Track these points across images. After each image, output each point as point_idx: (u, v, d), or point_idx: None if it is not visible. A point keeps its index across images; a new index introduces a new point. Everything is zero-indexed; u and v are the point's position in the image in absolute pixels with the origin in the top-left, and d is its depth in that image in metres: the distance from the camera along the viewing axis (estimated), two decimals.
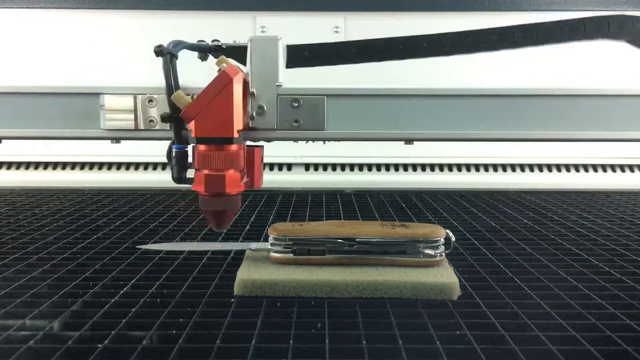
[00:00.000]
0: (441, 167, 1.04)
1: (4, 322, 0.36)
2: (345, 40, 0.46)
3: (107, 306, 0.39)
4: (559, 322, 0.36)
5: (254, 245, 0.48)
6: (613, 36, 0.42)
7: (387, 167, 1.04)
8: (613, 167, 1.04)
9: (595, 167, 1.04)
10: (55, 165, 1.03)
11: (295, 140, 0.45)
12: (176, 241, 0.57)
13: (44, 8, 1.00)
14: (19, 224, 0.65)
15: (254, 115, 0.42)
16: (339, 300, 0.40)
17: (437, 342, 0.33)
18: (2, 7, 1.00)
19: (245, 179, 0.43)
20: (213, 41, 0.45)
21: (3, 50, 1.00)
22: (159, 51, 0.40)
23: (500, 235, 0.61)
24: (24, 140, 0.66)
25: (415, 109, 0.43)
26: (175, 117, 0.40)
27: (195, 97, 0.40)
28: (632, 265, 0.50)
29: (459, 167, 1.04)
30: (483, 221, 0.69)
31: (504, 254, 0.53)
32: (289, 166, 1.03)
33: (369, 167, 1.04)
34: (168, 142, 0.43)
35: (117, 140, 0.46)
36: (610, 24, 0.41)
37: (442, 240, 0.45)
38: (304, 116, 0.43)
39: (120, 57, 1.00)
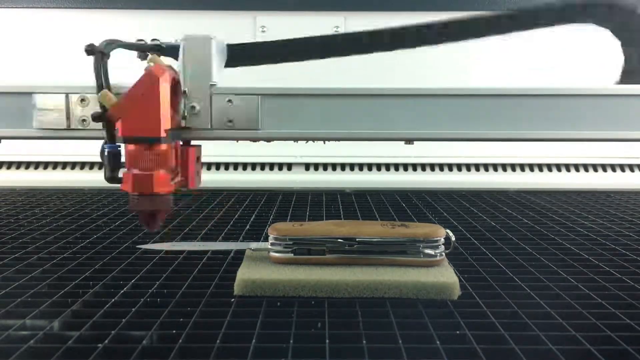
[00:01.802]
0: (441, 167, 1.04)
1: (4, 322, 0.36)
2: (280, 39, 0.46)
3: (107, 306, 0.39)
4: (559, 322, 0.36)
5: (254, 245, 0.48)
6: (599, 21, 0.42)
7: (387, 167, 1.03)
8: (613, 167, 1.04)
9: (595, 167, 1.04)
10: (55, 165, 1.03)
11: (229, 139, 0.44)
12: (176, 241, 0.57)
13: (44, 8, 1.00)
14: (19, 224, 0.65)
15: (186, 114, 0.42)
16: (339, 300, 0.40)
17: (437, 342, 0.33)
18: (2, 7, 1.00)
19: (178, 179, 0.42)
20: (152, 40, 0.45)
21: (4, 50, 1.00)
22: (90, 50, 0.40)
23: (500, 235, 0.61)
24: None
25: (425, 109, 0.43)
26: (105, 117, 0.40)
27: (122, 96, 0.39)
28: (632, 265, 0.50)
29: (459, 167, 1.04)
30: (483, 221, 0.69)
31: (504, 254, 0.53)
32: (289, 166, 1.03)
33: (369, 167, 1.04)
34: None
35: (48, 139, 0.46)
36: (599, 8, 0.42)
37: (442, 240, 0.45)
38: (237, 115, 0.42)
39: (119, 57, 1.00)
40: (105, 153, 0.41)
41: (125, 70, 0.41)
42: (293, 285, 0.41)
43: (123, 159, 0.41)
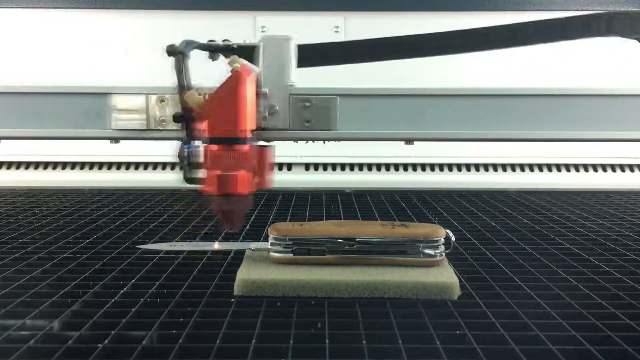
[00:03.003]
0: (441, 167, 1.04)
1: (4, 322, 0.36)
2: (353, 39, 0.45)
3: (107, 306, 0.39)
4: (559, 322, 0.36)
5: (254, 245, 0.48)
6: (603, 34, 0.42)
7: (387, 167, 1.04)
8: (613, 167, 1.04)
9: (595, 167, 1.04)
10: (55, 165, 1.03)
11: (308, 140, 0.45)
12: (176, 241, 0.57)
13: (44, 8, 1.00)
14: (19, 224, 0.65)
15: (266, 115, 0.42)
16: (339, 300, 0.40)
17: (437, 342, 0.33)
18: (2, 7, 1.00)
19: (256, 179, 0.43)
20: (224, 41, 0.45)
21: (5, 50, 1.00)
22: (171, 50, 0.40)
23: (500, 235, 0.61)
24: (31, 140, 0.66)
25: (425, 109, 0.43)
26: (187, 117, 0.40)
27: (207, 96, 0.40)
28: (632, 265, 0.50)
29: (459, 167, 1.04)
30: (483, 221, 0.69)
31: (504, 254, 0.53)
32: (289, 166, 1.03)
33: (369, 167, 1.04)
34: (176, 142, 0.42)
35: (116, 140, 0.46)
36: (600, 22, 0.41)
37: (442, 240, 0.45)
38: (315, 116, 0.42)
39: (119, 57, 1.00)
40: (186, 153, 0.41)
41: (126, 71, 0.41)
42: (293, 285, 0.41)
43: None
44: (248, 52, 0.43)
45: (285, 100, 0.42)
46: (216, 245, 0.52)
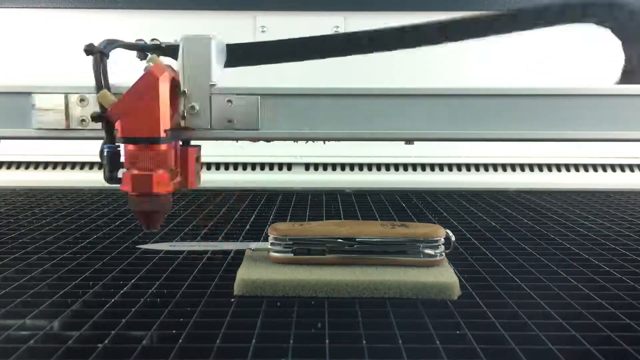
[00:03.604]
0: (441, 167, 1.04)
1: (4, 322, 0.36)
2: (281, 38, 0.45)
3: (107, 306, 0.39)
4: (559, 322, 0.36)
5: (254, 245, 0.48)
6: (600, 21, 0.42)
7: (387, 167, 1.04)
8: (613, 167, 1.04)
9: (595, 167, 1.04)
10: (55, 165, 1.03)
11: (229, 140, 0.44)
12: (176, 241, 0.57)
13: (44, 8, 1.00)
14: (19, 224, 0.65)
15: (186, 114, 0.42)
16: (339, 300, 0.40)
17: (437, 342, 0.33)
18: (2, 7, 1.00)
19: (177, 179, 0.42)
20: (152, 40, 0.45)
21: (4, 50, 1.00)
22: (89, 50, 0.40)
23: (500, 235, 0.61)
24: None
25: (426, 109, 0.43)
26: (105, 117, 0.40)
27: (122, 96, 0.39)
28: (632, 265, 0.50)
29: (459, 167, 1.04)
30: (483, 221, 0.69)
31: (504, 254, 0.53)
32: (289, 166, 1.03)
33: (369, 167, 1.04)
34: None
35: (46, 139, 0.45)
36: (598, 7, 0.42)
37: (442, 240, 0.45)
38: (237, 115, 0.42)
39: (118, 57, 1.00)
40: (105, 153, 0.40)
41: (126, 70, 0.41)
42: (293, 285, 0.41)
43: (122, 159, 0.41)
44: (173, 52, 0.43)
45: (205, 100, 0.42)
46: (216, 245, 0.52)
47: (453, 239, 0.46)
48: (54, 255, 0.51)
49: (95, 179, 1.00)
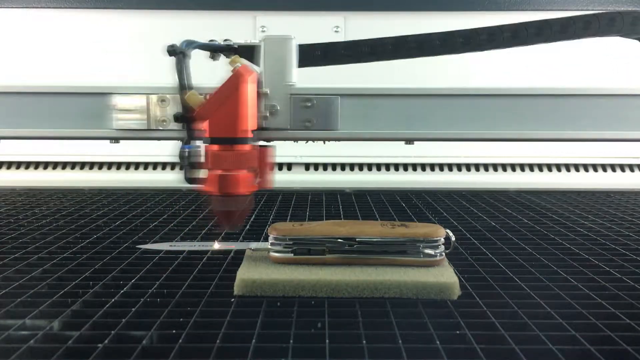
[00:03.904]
0: (441, 167, 1.04)
1: (4, 322, 0.36)
2: (356, 39, 0.45)
3: (107, 306, 0.39)
4: (559, 322, 0.36)
5: (254, 245, 0.48)
6: (625, 34, 0.42)
7: (387, 167, 1.04)
8: (613, 167, 1.04)
9: (595, 167, 1.04)
10: (55, 165, 1.03)
11: (308, 140, 0.44)
12: (176, 241, 0.57)
13: (44, 8, 1.00)
14: (19, 224, 0.65)
15: (267, 115, 0.42)
16: (339, 300, 0.40)
17: (437, 342, 0.33)
18: (2, 7, 1.00)
19: (257, 179, 0.43)
20: (225, 40, 0.45)
21: (5, 50, 1.00)
22: (172, 50, 0.40)
23: (500, 235, 0.61)
24: (32, 140, 0.65)
25: (425, 109, 0.43)
26: (187, 117, 0.40)
27: (208, 96, 0.40)
28: (632, 265, 0.50)
29: (459, 167, 1.04)
30: (483, 221, 0.69)
31: (504, 254, 0.53)
32: (289, 166, 1.03)
33: (369, 167, 1.04)
34: (178, 143, 0.42)
35: (116, 140, 0.46)
36: (625, 20, 0.41)
37: (442, 240, 0.45)
38: (316, 116, 0.42)
39: (119, 57, 1.00)
40: (186, 153, 0.41)
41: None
42: (293, 285, 0.41)
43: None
44: (249, 52, 0.43)
45: (286, 100, 0.42)
46: (216, 245, 0.52)
47: (453, 239, 0.46)
48: (54, 255, 0.51)
49: (95, 178, 1.01)
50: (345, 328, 0.35)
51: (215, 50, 0.45)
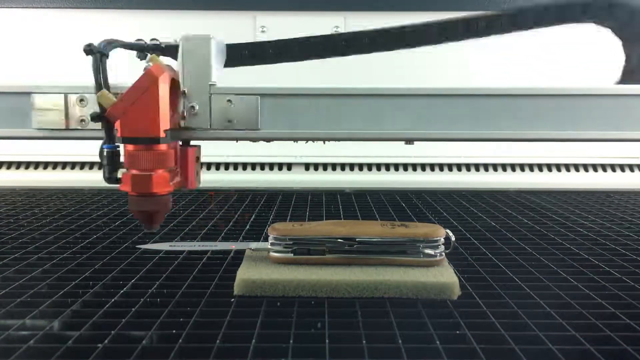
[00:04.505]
0: (441, 167, 1.04)
1: (4, 322, 0.36)
2: (285, 38, 0.46)
3: (107, 306, 0.39)
4: (559, 322, 0.36)
5: (253, 245, 0.48)
6: (600, 20, 0.42)
7: (387, 167, 1.04)
8: (613, 167, 1.04)
9: (595, 167, 1.04)
10: (55, 165, 1.03)
11: (229, 139, 0.44)
12: (176, 241, 0.57)
13: (44, 8, 1.00)
14: (19, 224, 0.65)
15: (185, 114, 0.42)
16: (339, 300, 0.40)
17: (437, 342, 0.33)
18: (2, 7, 1.00)
19: (176, 179, 0.42)
20: (151, 40, 0.45)
21: (4, 50, 1.00)
22: (88, 50, 0.40)
23: (500, 235, 0.61)
24: None
25: (425, 108, 0.43)
26: (104, 117, 0.40)
27: (120, 96, 0.39)
28: (632, 265, 0.50)
29: (459, 167, 1.04)
30: (483, 221, 0.69)
31: (504, 254, 0.53)
32: (289, 166, 1.03)
33: (369, 167, 1.04)
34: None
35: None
36: (598, 7, 0.42)
37: (442, 240, 0.45)
38: (237, 115, 0.42)
39: (118, 57, 1.00)
40: (104, 153, 0.41)
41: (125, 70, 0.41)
42: (293, 285, 0.41)
43: (122, 159, 0.41)
44: (173, 51, 0.43)
45: (205, 100, 0.42)
46: (216, 245, 0.52)
47: (453, 239, 0.46)
48: (54, 255, 0.51)
49: (95, 179, 1.00)
50: (345, 328, 0.35)
51: (140, 49, 0.45)
